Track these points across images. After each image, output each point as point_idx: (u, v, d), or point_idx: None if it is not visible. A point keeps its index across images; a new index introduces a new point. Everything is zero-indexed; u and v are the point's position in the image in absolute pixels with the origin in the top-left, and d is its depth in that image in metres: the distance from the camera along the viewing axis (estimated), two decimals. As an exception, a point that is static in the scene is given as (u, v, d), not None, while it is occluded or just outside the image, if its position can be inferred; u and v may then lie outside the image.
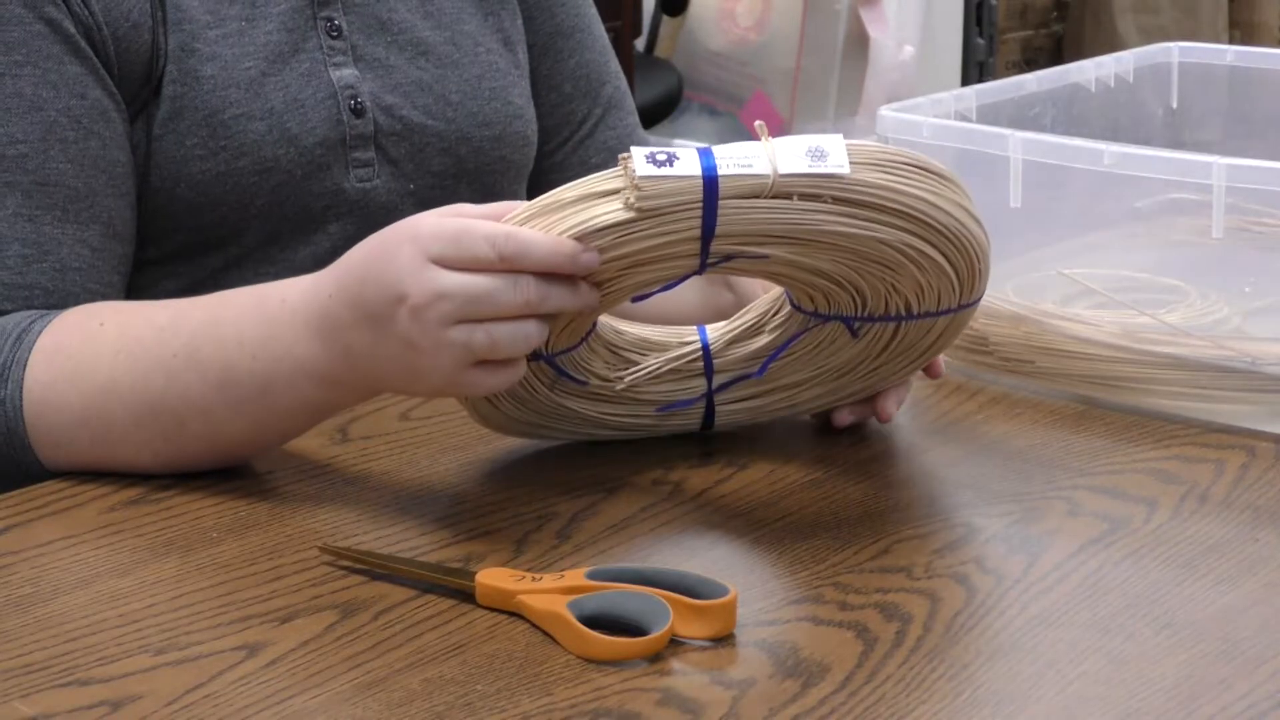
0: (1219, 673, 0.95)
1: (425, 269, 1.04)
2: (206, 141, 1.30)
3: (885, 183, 1.04)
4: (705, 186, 1.02)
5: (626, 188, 1.03)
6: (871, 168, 1.05)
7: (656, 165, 1.01)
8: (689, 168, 1.02)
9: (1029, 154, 1.28)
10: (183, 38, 1.30)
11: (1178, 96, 1.56)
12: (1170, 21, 4.46)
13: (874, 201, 1.04)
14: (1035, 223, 1.32)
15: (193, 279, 1.33)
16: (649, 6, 3.64)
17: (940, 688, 0.93)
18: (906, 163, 1.06)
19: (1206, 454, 1.21)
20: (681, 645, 0.96)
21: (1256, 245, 1.29)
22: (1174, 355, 1.26)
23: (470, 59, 1.41)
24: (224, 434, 1.14)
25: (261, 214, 1.32)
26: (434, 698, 0.92)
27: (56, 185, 1.24)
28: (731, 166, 1.02)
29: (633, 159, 1.02)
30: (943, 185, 1.06)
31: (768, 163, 1.02)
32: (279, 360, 1.11)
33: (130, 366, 1.14)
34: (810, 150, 1.03)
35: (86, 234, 1.25)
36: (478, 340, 1.04)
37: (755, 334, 1.18)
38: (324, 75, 1.35)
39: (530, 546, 1.08)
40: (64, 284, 1.23)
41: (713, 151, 1.03)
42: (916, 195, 1.05)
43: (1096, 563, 1.06)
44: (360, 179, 1.36)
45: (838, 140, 1.04)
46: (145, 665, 0.95)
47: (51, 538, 1.09)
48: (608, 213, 1.03)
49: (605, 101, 1.52)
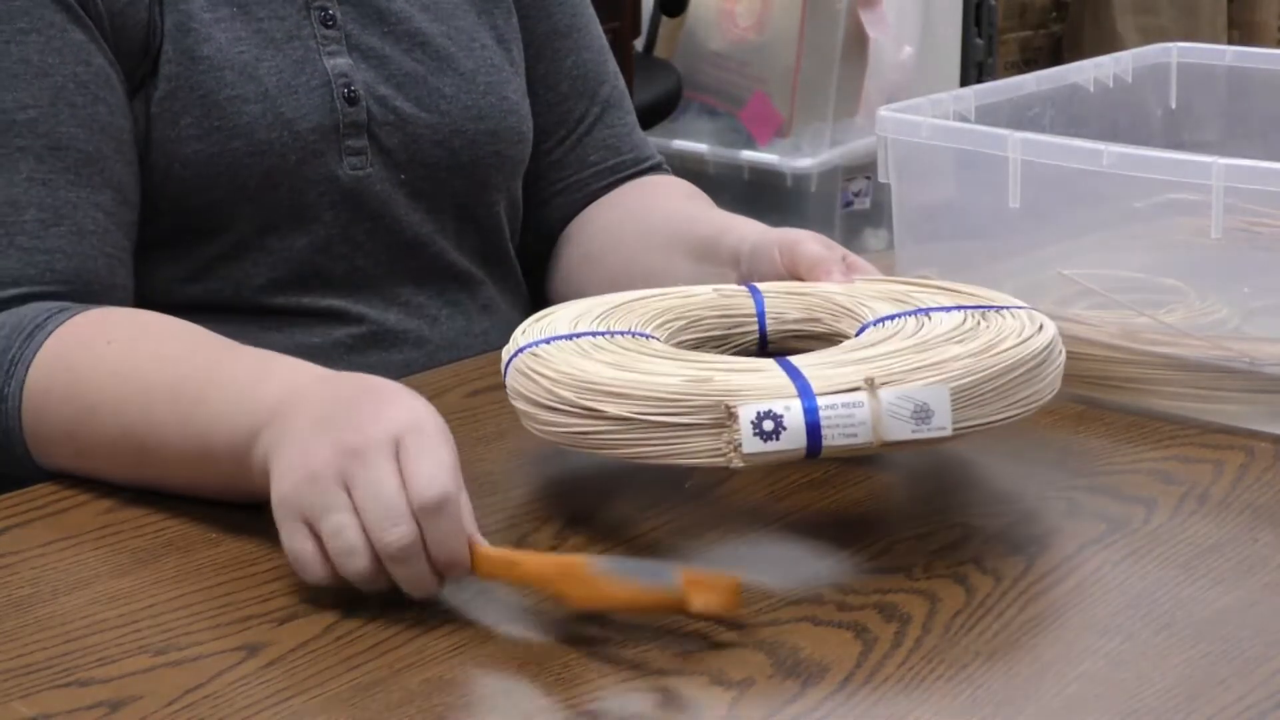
0: (1218, 673, 0.95)
1: (385, 450, 1.00)
2: (201, 121, 1.30)
3: (981, 419, 1.04)
4: (808, 450, 1.01)
5: (726, 447, 1.01)
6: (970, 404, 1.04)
7: (763, 439, 1.00)
8: (794, 439, 1.00)
9: (1028, 154, 1.28)
10: (179, 17, 1.30)
11: (1177, 97, 1.56)
12: (1169, 22, 4.45)
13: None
14: (1034, 223, 1.32)
15: (191, 266, 1.33)
16: (648, 7, 3.64)
17: (939, 688, 0.93)
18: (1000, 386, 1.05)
19: (1205, 454, 1.21)
20: (679, 645, 0.96)
21: (1256, 246, 1.29)
22: (1173, 356, 1.26)
23: (466, 53, 1.42)
24: (176, 471, 1.13)
25: (255, 198, 1.32)
26: (433, 698, 0.92)
27: (68, 149, 1.24)
28: (837, 436, 1.00)
29: (740, 423, 1.00)
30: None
31: (871, 430, 1.01)
32: (241, 392, 1.09)
33: (117, 388, 1.14)
34: (915, 411, 1.01)
35: (99, 198, 1.25)
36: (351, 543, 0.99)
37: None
38: (318, 63, 1.35)
39: (529, 547, 1.08)
40: (82, 247, 1.24)
41: (818, 407, 1.00)
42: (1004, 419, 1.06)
43: (1095, 563, 1.06)
44: (353, 167, 1.36)
45: (943, 396, 1.02)
46: (145, 666, 0.95)
47: (51, 538, 1.10)
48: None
49: (603, 101, 1.52)
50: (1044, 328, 1.11)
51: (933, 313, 1.13)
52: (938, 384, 1.02)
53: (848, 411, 1.01)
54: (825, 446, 1.01)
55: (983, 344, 1.07)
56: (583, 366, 1.06)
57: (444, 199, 1.41)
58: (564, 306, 1.20)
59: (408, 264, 1.39)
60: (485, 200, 1.43)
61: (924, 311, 1.13)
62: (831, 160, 3.63)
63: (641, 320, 1.17)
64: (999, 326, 1.10)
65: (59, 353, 1.17)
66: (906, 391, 1.02)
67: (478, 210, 1.43)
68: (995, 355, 1.05)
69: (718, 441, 1.01)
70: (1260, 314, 1.28)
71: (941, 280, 1.21)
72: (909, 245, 1.41)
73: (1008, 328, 1.10)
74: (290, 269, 1.35)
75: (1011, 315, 1.13)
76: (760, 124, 3.65)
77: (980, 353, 1.05)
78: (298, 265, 1.35)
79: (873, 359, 1.05)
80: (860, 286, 1.20)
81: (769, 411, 1.00)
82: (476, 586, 1.02)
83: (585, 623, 0.99)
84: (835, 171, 3.65)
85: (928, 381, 1.02)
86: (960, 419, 1.03)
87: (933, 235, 1.40)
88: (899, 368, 1.03)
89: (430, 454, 0.99)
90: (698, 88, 3.70)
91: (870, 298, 1.17)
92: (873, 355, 1.06)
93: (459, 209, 1.42)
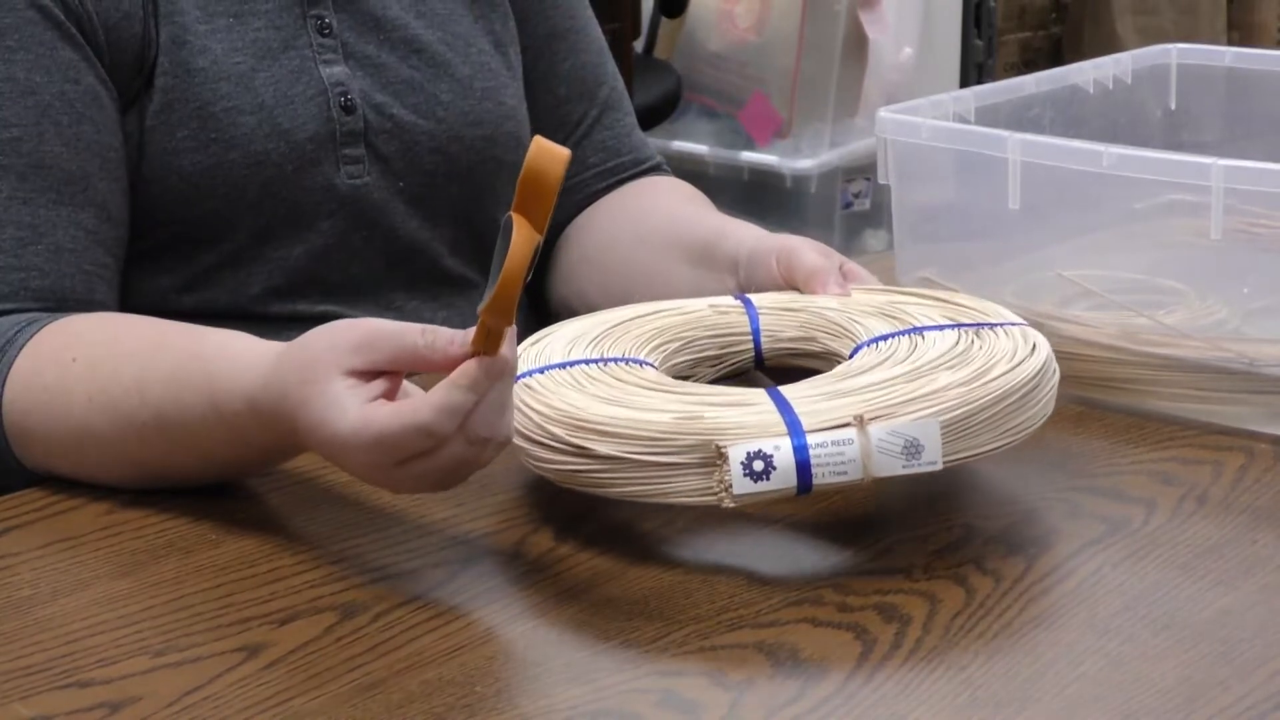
0: (1217, 674, 0.95)
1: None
2: (197, 134, 1.30)
3: (971, 450, 1.05)
4: (798, 488, 1.02)
5: (717, 486, 1.02)
6: (959, 438, 1.04)
7: (753, 480, 1.01)
8: (784, 479, 1.01)
9: (1027, 156, 1.28)
10: (174, 30, 1.30)
11: (1176, 98, 1.56)
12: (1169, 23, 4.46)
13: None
14: (1034, 224, 1.32)
15: (188, 275, 1.33)
16: (648, 8, 3.64)
17: (939, 689, 0.93)
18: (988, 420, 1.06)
19: (1205, 455, 1.21)
20: (679, 646, 0.96)
21: (1255, 247, 1.29)
22: (1172, 356, 1.26)
23: (462, 59, 1.41)
24: (194, 479, 1.15)
25: (253, 209, 1.32)
26: (433, 699, 0.92)
27: (51, 168, 1.24)
28: (827, 474, 1.01)
29: (729, 464, 1.01)
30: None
31: (861, 467, 1.02)
32: (232, 437, 1.10)
33: (106, 421, 1.15)
34: (906, 446, 1.02)
35: (81, 216, 1.25)
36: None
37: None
38: (314, 72, 1.35)
39: (529, 547, 1.08)
40: (59, 265, 1.24)
41: (807, 445, 1.01)
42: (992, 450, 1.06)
43: (1095, 564, 1.06)
44: (351, 175, 1.35)
45: (933, 430, 1.02)
46: (144, 667, 0.95)
47: (51, 540, 1.10)
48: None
49: (602, 102, 1.52)
50: (1037, 348, 1.11)
51: (926, 332, 1.13)
52: (928, 418, 1.03)
53: (838, 449, 1.02)
54: (815, 484, 1.02)
55: (974, 370, 1.07)
56: (575, 401, 1.07)
57: (441, 205, 1.41)
58: (560, 327, 1.20)
59: (404, 270, 1.39)
60: (483, 206, 1.43)
61: (917, 331, 1.14)
62: (831, 161, 3.63)
63: (637, 343, 1.17)
64: (992, 348, 1.11)
65: (31, 372, 1.18)
66: (896, 427, 1.02)
67: (475, 216, 1.43)
68: (987, 384, 1.06)
69: (708, 481, 1.02)
70: (1259, 315, 1.28)
71: (937, 289, 1.21)
72: (909, 246, 1.41)
73: (1000, 349, 1.10)
74: (287, 277, 1.34)
75: (1005, 334, 1.13)
76: (760, 125, 3.65)
77: (972, 380, 1.06)
78: (294, 273, 1.35)
79: (863, 389, 1.06)
80: (856, 299, 1.20)
81: (759, 451, 1.01)
82: (476, 588, 1.02)
83: (585, 624, 0.99)
84: (835, 172, 3.65)
85: (917, 415, 1.03)
86: (950, 451, 1.03)
87: (932, 236, 1.40)
88: (889, 400, 1.04)
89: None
90: (697, 89, 3.70)
91: (865, 314, 1.18)
92: (863, 385, 1.07)
93: (456, 215, 1.42)
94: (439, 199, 1.40)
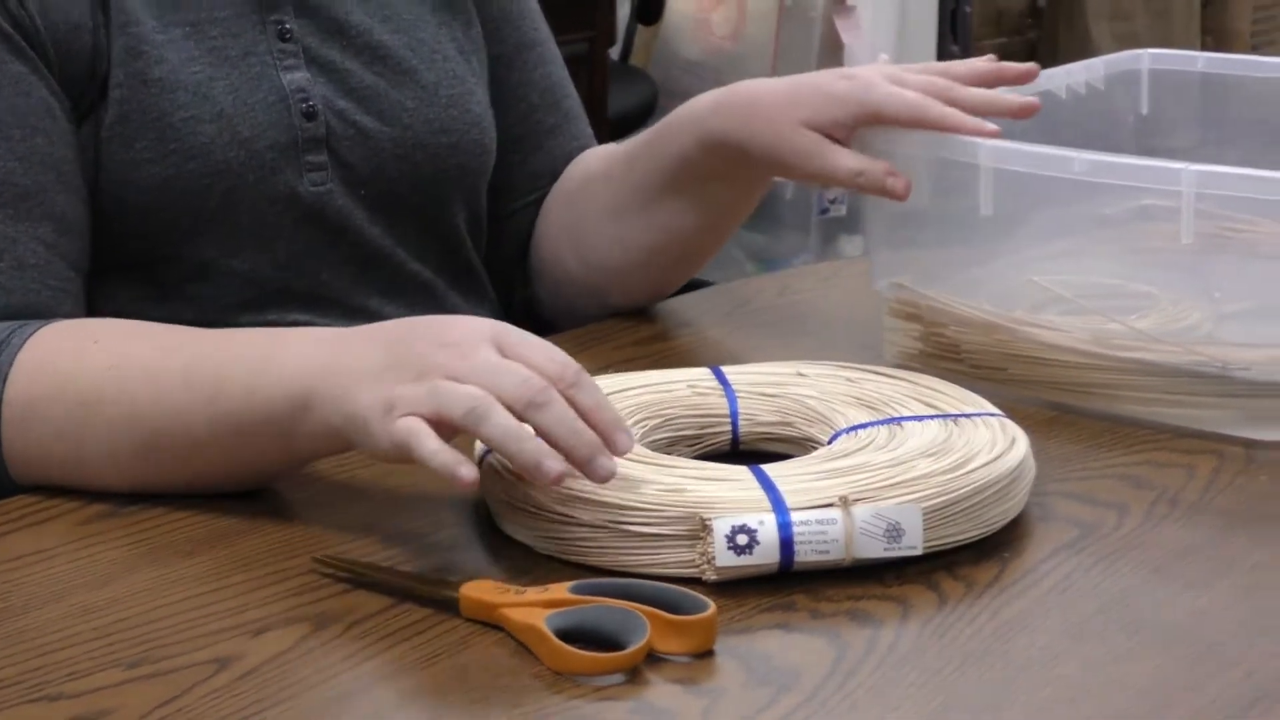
0: (1191, 676, 0.95)
1: (484, 344, 1.04)
2: (155, 145, 1.29)
3: (950, 538, 1.06)
4: (780, 565, 1.03)
5: (700, 558, 1.02)
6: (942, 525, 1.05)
7: (737, 554, 1.01)
8: (767, 554, 1.02)
9: (999, 162, 1.28)
10: (129, 40, 1.29)
11: (1148, 103, 1.56)
12: (1143, 28, 4.47)
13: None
14: (1006, 230, 1.32)
15: (154, 287, 1.32)
16: (624, 16, 3.65)
17: (912, 695, 0.93)
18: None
19: (1177, 459, 1.22)
20: (658, 659, 0.96)
21: (1227, 251, 1.29)
22: (1145, 361, 1.27)
23: (428, 65, 1.41)
24: (198, 456, 1.13)
25: (215, 219, 1.31)
26: (406, 709, 0.92)
27: (4, 183, 1.23)
28: (809, 553, 1.02)
29: (714, 536, 1.01)
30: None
31: (843, 548, 1.02)
32: (266, 364, 1.10)
33: (118, 378, 1.14)
34: (888, 529, 1.03)
35: (39, 230, 1.24)
36: (484, 409, 1.02)
37: None
38: (274, 78, 1.34)
39: (500, 558, 1.08)
40: (23, 281, 1.23)
41: (791, 523, 1.02)
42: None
43: (1068, 568, 1.07)
44: (314, 183, 1.35)
45: (915, 516, 1.03)
46: (117, 679, 0.95)
47: (24, 551, 1.09)
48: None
49: (564, 114, 1.53)
50: (1016, 442, 1.12)
51: (905, 422, 1.14)
52: (910, 503, 1.04)
53: (821, 528, 1.02)
54: (797, 562, 1.02)
55: (954, 461, 1.08)
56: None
57: (405, 212, 1.40)
58: None
59: (371, 277, 1.39)
60: (446, 212, 1.43)
61: (896, 421, 1.14)
62: (807, 167, 3.62)
63: None
64: (970, 439, 1.11)
65: (39, 363, 1.16)
66: (880, 510, 1.03)
67: (438, 222, 1.43)
68: (967, 475, 1.07)
69: (691, 553, 1.03)
70: (1231, 319, 1.28)
71: (915, 374, 1.22)
72: (883, 252, 1.41)
73: (979, 441, 1.11)
74: (254, 287, 1.34)
75: (984, 425, 1.14)
76: (736, 132, 3.65)
77: (952, 470, 1.07)
78: (261, 283, 1.34)
79: (846, 470, 1.07)
80: (833, 388, 1.20)
81: (743, 526, 1.02)
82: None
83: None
84: (811, 179, 3.65)
85: (900, 500, 1.03)
86: (930, 538, 1.04)
87: (907, 242, 1.40)
88: (872, 484, 1.05)
89: (535, 341, 1.05)
90: (674, 96, 3.70)
91: (843, 403, 1.18)
92: (846, 467, 1.07)
93: (420, 221, 1.41)
94: (402, 206, 1.40)
